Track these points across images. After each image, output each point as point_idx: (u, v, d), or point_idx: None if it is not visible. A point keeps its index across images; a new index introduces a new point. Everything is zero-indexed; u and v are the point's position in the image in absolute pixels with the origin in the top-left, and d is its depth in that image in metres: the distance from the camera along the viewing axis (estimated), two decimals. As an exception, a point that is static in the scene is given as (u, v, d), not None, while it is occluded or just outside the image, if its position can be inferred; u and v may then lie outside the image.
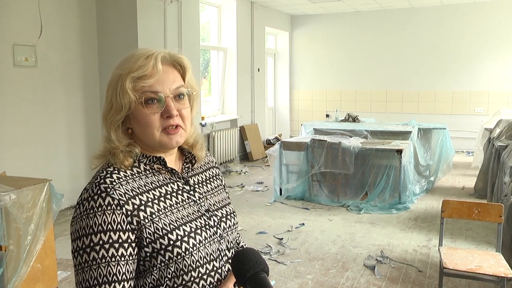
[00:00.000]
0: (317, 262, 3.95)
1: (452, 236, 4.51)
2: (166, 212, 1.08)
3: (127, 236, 1.01)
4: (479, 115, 9.16)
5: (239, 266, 1.03)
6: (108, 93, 1.10)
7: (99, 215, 0.99)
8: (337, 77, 10.56)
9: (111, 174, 1.05)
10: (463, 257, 2.93)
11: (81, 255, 0.99)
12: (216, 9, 8.57)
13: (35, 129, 5.00)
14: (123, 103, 1.07)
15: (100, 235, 0.98)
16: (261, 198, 6.07)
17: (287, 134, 10.84)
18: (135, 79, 1.07)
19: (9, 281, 2.70)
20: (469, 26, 9.23)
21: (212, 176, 1.29)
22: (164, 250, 1.04)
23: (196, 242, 1.09)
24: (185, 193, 1.15)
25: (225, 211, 1.24)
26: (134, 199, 1.04)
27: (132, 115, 1.09)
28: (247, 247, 1.11)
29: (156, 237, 1.03)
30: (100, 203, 1.00)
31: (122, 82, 1.07)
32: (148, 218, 1.04)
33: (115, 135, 1.09)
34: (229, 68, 8.72)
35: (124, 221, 1.01)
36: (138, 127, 1.10)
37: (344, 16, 10.26)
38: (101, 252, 0.98)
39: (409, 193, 5.61)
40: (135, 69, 1.06)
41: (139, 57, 1.08)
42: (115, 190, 1.02)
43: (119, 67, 1.09)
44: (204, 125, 7.61)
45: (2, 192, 2.66)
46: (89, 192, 1.03)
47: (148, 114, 1.08)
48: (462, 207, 3.03)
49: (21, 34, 4.78)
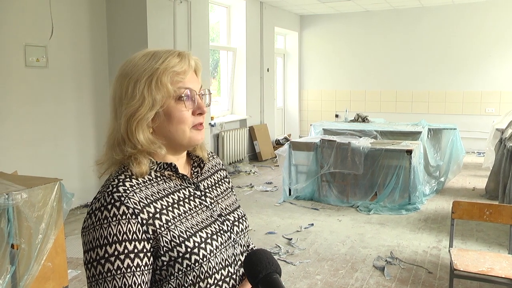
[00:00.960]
0: (326, 263, 3.93)
1: (462, 238, 4.48)
2: (181, 219, 1.06)
3: (143, 246, 0.98)
4: (490, 115, 9.07)
5: (251, 267, 1.02)
6: (134, 89, 1.05)
7: (114, 225, 0.96)
8: (347, 77, 10.52)
9: (123, 182, 1.02)
10: (474, 259, 2.90)
11: (95, 267, 0.96)
12: (225, 9, 8.58)
13: (46, 128, 5.05)
14: (158, 98, 1.04)
15: (115, 246, 0.96)
16: (270, 198, 6.07)
17: (296, 134, 10.82)
18: (174, 75, 1.06)
19: (21, 279, 2.72)
20: (481, 25, 9.14)
21: (221, 179, 1.28)
22: (181, 258, 1.02)
23: (213, 248, 1.08)
24: (196, 198, 1.14)
25: (236, 215, 1.22)
26: (149, 207, 1.02)
27: (164, 112, 1.06)
28: (259, 248, 1.10)
29: (173, 245, 1.02)
30: (115, 213, 0.97)
31: (159, 76, 1.04)
32: (164, 226, 1.02)
33: (143, 136, 1.05)
34: (238, 68, 8.73)
35: (139, 231, 0.98)
36: (168, 125, 1.07)
37: (354, 16, 10.22)
38: (117, 263, 0.95)
39: (419, 194, 5.57)
40: (172, 65, 1.05)
41: (170, 55, 1.07)
42: (129, 198, 0.99)
43: (145, 62, 1.06)
44: (213, 125, 7.62)
45: (14, 191, 2.69)
46: (101, 202, 0.99)
47: (183, 110, 1.07)
48: (473, 208, 3.00)
49: (32, 35, 4.83)
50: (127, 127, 1.05)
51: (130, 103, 1.04)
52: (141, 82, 1.04)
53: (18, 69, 4.72)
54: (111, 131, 1.10)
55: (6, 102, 4.63)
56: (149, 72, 1.05)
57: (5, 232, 2.63)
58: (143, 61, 1.07)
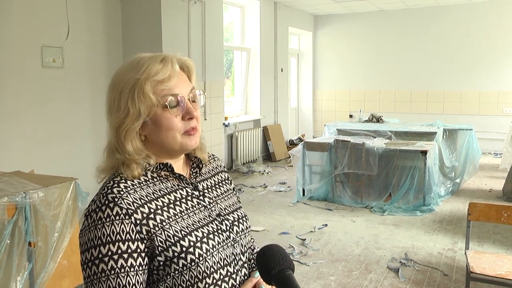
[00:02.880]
0: (340, 264, 3.91)
1: (479, 240, 4.41)
2: (177, 219, 1.06)
3: (136, 246, 0.99)
4: (508, 115, 8.93)
5: (264, 263, 1.02)
6: (119, 101, 1.05)
7: (107, 225, 0.97)
8: (361, 77, 10.45)
9: (118, 184, 1.03)
10: (491, 262, 2.86)
11: (90, 267, 0.97)
12: (239, 10, 8.60)
13: (62, 128, 5.11)
14: (142, 109, 1.04)
15: (108, 246, 0.97)
16: (284, 198, 6.06)
17: (310, 134, 10.79)
18: (156, 83, 1.05)
19: (38, 276, 2.76)
20: (497, 23, 9.01)
21: (222, 181, 1.27)
22: (177, 258, 1.02)
23: (209, 247, 1.07)
24: (194, 198, 1.13)
25: (236, 215, 1.21)
26: (143, 207, 1.02)
27: (152, 121, 1.06)
28: (272, 244, 1.09)
29: (168, 244, 1.02)
30: (108, 214, 0.98)
31: (141, 87, 1.03)
32: (158, 226, 1.02)
33: (131, 146, 1.06)
34: (252, 68, 8.73)
35: (133, 231, 0.98)
36: (158, 132, 1.08)
37: (368, 15, 10.15)
38: (110, 263, 0.96)
39: (434, 195, 5.51)
40: (154, 73, 1.04)
41: (153, 61, 1.06)
42: (123, 199, 1.00)
43: (128, 72, 1.06)
44: (227, 125, 7.64)
45: (31, 190, 2.73)
46: (97, 203, 1.01)
47: (170, 117, 1.06)
48: (490, 210, 2.95)
49: (49, 36, 4.89)
50: (117, 136, 1.06)
51: (117, 114, 1.06)
52: (124, 93, 1.05)
53: (35, 70, 4.79)
54: (109, 138, 1.11)
55: (23, 102, 4.70)
56: (131, 83, 1.05)
57: (23, 230, 2.67)
58: (128, 70, 1.07)
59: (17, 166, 3.84)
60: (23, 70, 4.68)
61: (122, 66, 1.10)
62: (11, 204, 2.61)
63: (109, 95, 1.08)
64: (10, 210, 2.61)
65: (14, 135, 4.64)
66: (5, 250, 2.57)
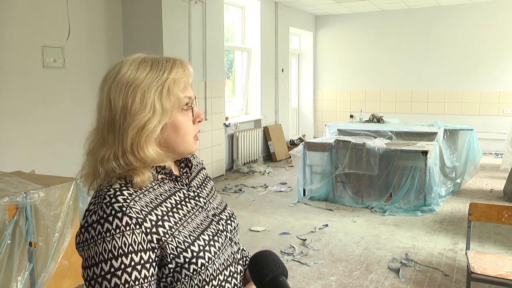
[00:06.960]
0: (341, 264, 3.91)
1: (480, 240, 4.41)
2: (183, 223, 1.03)
3: (148, 256, 0.94)
4: (508, 116, 8.92)
5: (257, 269, 1.01)
6: (143, 101, 0.98)
7: (118, 237, 0.91)
8: (362, 77, 10.45)
9: (120, 191, 0.96)
10: (492, 262, 2.85)
11: (100, 283, 0.91)
12: (240, 10, 8.60)
13: (62, 128, 5.11)
14: (168, 108, 1.00)
15: (121, 259, 0.91)
16: (284, 198, 6.06)
17: (310, 134, 10.79)
18: (184, 85, 1.04)
19: (39, 276, 2.76)
20: (498, 24, 9.00)
21: (205, 178, 1.26)
22: (188, 263, 0.99)
23: (216, 249, 1.06)
24: (191, 199, 1.11)
25: (227, 213, 1.20)
26: (151, 215, 0.97)
27: (171, 124, 1.03)
28: (264, 250, 1.09)
29: (179, 251, 0.98)
30: (117, 224, 0.92)
31: (170, 86, 1.01)
32: (168, 233, 0.98)
33: (152, 149, 1.00)
34: (253, 68, 8.73)
35: (144, 240, 0.94)
36: (175, 136, 1.04)
37: (369, 15, 10.15)
38: (124, 276, 0.91)
39: (435, 195, 5.51)
40: (180, 75, 1.03)
41: (170, 63, 1.04)
42: (131, 208, 0.94)
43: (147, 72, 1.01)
44: (228, 125, 7.64)
45: (32, 190, 2.73)
46: (100, 214, 0.93)
47: (187, 120, 1.06)
48: (491, 210, 2.95)
49: (50, 36, 4.90)
50: (135, 141, 0.99)
51: (139, 115, 0.98)
52: (149, 92, 0.99)
53: (36, 70, 4.79)
54: (96, 144, 1.03)
55: (24, 102, 4.71)
56: (159, 82, 1.00)
57: (24, 230, 2.67)
58: (142, 70, 1.01)
59: (18, 166, 3.85)
60: (24, 70, 4.68)
61: (126, 65, 1.02)
62: (12, 204, 2.61)
63: (122, 95, 0.99)
64: (11, 210, 2.61)
65: (15, 135, 4.64)
66: (6, 250, 2.57)
